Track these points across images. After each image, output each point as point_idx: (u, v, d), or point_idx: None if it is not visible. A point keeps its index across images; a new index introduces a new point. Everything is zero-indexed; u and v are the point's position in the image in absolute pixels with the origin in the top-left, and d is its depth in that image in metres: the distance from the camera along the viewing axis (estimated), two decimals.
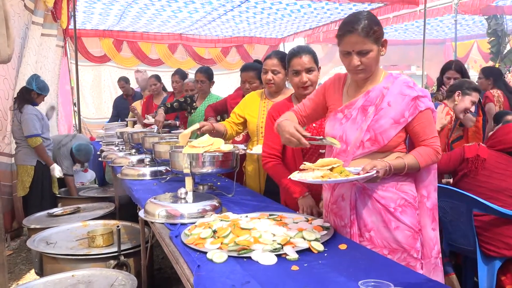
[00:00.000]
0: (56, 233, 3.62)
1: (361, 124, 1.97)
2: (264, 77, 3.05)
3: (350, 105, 2.03)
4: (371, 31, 1.88)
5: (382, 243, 1.98)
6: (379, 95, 1.98)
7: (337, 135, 2.03)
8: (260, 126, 3.08)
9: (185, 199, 2.33)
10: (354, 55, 1.91)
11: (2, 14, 1.59)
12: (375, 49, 1.92)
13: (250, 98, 3.24)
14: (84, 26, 9.32)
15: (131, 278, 2.70)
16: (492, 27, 9.78)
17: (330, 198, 2.12)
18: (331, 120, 2.09)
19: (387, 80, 2.01)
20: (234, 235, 1.84)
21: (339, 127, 2.03)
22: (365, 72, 1.96)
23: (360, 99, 2.01)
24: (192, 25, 9.33)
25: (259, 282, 1.47)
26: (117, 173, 3.76)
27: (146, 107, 6.09)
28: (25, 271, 4.21)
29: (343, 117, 2.03)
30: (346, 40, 1.91)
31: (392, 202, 1.97)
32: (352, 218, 2.02)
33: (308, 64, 2.55)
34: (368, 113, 1.97)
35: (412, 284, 1.33)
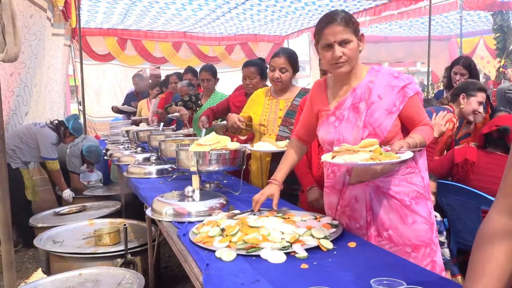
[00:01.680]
0: (63, 231, 3.62)
1: (355, 122, 1.96)
2: (271, 75, 3.04)
3: (340, 106, 2.02)
4: (350, 22, 1.92)
5: (403, 241, 1.96)
6: (366, 91, 1.98)
7: (333, 138, 2.01)
8: (262, 123, 3.08)
9: (192, 197, 2.32)
10: (336, 46, 1.91)
11: (10, 13, 1.58)
12: (355, 41, 1.93)
13: (256, 96, 3.24)
14: (88, 24, 9.33)
15: (138, 277, 2.70)
16: (498, 23, 9.73)
17: (339, 201, 2.08)
18: (324, 125, 2.07)
19: (370, 74, 2.02)
20: (242, 233, 1.83)
21: (333, 130, 2.02)
22: (348, 65, 1.95)
23: (348, 98, 2.00)
24: (196, 23, 9.32)
25: (268, 280, 1.46)
26: (123, 171, 3.76)
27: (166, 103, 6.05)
28: (32, 270, 4.22)
29: (336, 120, 2.02)
30: (327, 31, 1.92)
31: (406, 196, 1.96)
32: (368, 219, 2.00)
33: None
34: (360, 109, 1.96)
35: (423, 282, 1.31)
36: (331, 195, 2.13)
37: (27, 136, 4.73)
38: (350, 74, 2.00)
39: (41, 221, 4.12)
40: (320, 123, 2.10)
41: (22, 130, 4.78)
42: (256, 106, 3.16)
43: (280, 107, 3.08)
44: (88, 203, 4.60)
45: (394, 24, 9.85)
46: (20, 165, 4.68)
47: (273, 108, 3.10)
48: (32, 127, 4.82)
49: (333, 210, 2.13)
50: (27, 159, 4.79)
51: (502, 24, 9.72)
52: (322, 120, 2.09)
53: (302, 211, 2.29)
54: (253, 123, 3.16)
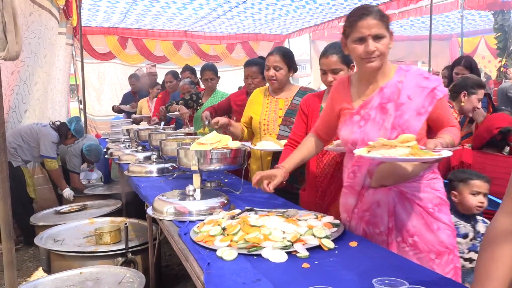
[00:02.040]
0: (64, 230, 3.62)
1: (383, 123, 1.89)
2: (267, 73, 3.03)
3: (365, 105, 1.95)
4: (384, 17, 1.87)
5: (428, 247, 1.91)
6: (395, 91, 1.91)
7: (358, 138, 1.93)
8: (262, 123, 3.07)
9: (193, 196, 2.32)
10: (369, 40, 1.84)
11: (11, 11, 1.58)
12: (388, 37, 1.88)
13: (254, 96, 3.23)
14: (89, 23, 9.33)
15: (139, 276, 2.70)
16: (499, 22, 9.72)
17: (357, 204, 2.02)
18: (347, 124, 1.99)
19: (399, 73, 1.95)
20: (243, 232, 1.82)
21: (358, 130, 1.94)
22: (379, 60, 1.88)
23: (375, 97, 1.93)
24: (197, 22, 9.32)
25: (270, 279, 1.45)
26: (124, 170, 3.76)
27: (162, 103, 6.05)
28: (32, 269, 4.22)
29: (361, 119, 1.94)
30: (361, 24, 1.85)
31: (429, 203, 1.92)
32: (390, 225, 1.94)
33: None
34: (388, 110, 1.89)
35: (426, 282, 1.31)
36: (348, 196, 2.06)
37: (29, 135, 4.73)
38: (377, 72, 1.94)
39: (42, 220, 4.12)
40: (343, 121, 2.03)
41: (24, 129, 4.78)
42: (256, 106, 3.15)
43: (280, 106, 3.06)
44: (89, 202, 4.60)
45: (395, 24, 9.83)
46: (21, 163, 4.68)
47: (272, 107, 3.09)
48: (34, 127, 4.82)
49: (349, 213, 2.06)
50: (27, 158, 4.79)
51: (503, 24, 9.71)
52: (344, 119, 2.02)
53: (303, 210, 2.29)
54: (253, 123, 3.15)
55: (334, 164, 2.55)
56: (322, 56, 2.52)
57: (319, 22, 9.74)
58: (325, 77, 2.54)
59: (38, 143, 4.75)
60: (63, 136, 4.95)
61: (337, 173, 2.52)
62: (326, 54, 2.50)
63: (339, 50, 2.43)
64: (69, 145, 5.26)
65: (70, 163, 5.29)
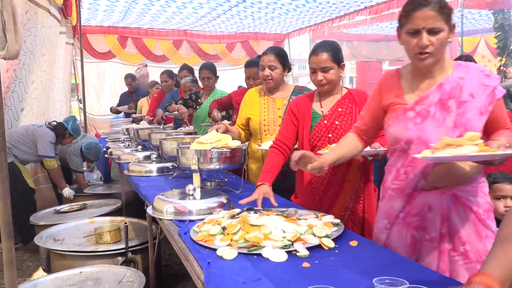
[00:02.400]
0: (64, 229, 3.62)
1: (443, 121, 1.76)
2: (262, 73, 3.02)
3: (421, 101, 1.81)
4: (445, 8, 1.71)
5: (476, 257, 1.79)
6: (457, 87, 1.78)
7: (413, 136, 1.80)
8: (262, 124, 3.05)
9: (193, 196, 2.32)
10: (423, 33, 1.70)
11: (10, 10, 1.57)
12: (446, 31, 1.73)
13: (249, 96, 3.20)
14: (89, 22, 9.33)
15: (139, 275, 2.70)
16: (499, 22, 9.69)
17: (404, 207, 1.89)
18: (400, 120, 1.85)
19: (459, 69, 1.82)
20: (243, 231, 1.82)
21: (413, 127, 1.80)
22: (433, 57, 1.75)
23: (434, 93, 1.80)
24: (197, 21, 9.31)
25: (270, 279, 1.45)
26: (124, 169, 3.76)
27: (158, 103, 6.06)
28: (32, 268, 4.22)
29: (416, 116, 1.81)
30: (417, 14, 1.71)
31: (481, 208, 1.81)
32: (443, 231, 1.81)
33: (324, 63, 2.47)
34: (450, 107, 1.76)
35: (426, 282, 1.31)
36: (395, 200, 1.91)
37: (24, 137, 4.72)
38: (434, 66, 1.80)
39: (41, 219, 4.12)
40: (393, 117, 1.88)
41: (21, 131, 4.77)
42: (253, 107, 3.12)
43: (278, 106, 3.05)
44: (89, 201, 4.60)
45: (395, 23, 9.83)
46: (14, 159, 4.63)
47: (270, 107, 3.07)
48: (30, 128, 4.82)
49: (392, 218, 1.92)
50: (25, 157, 4.77)
51: (503, 23, 9.68)
52: (395, 114, 1.87)
53: (303, 209, 2.28)
54: (253, 124, 3.12)
55: (330, 169, 2.39)
56: (312, 54, 2.48)
57: (319, 21, 9.73)
58: (314, 75, 2.49)
59: (35, 144, 4.74)
60: (61, 136, 4.94)
61: (333, 179, 2.50)
62: (316, 52, 2.45)
63: (329, 48, 2.43)
64: (68, 145, 5.25)
65: (71, 163, 5.29)
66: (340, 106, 2.54)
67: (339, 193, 2.51)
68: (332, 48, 2.45)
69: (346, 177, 2.49)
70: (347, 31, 11.21)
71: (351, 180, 2.50)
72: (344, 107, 2.53)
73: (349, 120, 2.51)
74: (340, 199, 2.51)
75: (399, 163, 1.89)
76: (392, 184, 1.93)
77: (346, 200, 2.51)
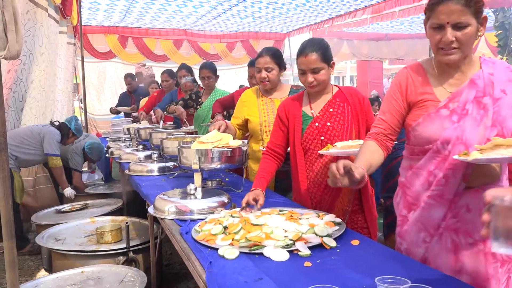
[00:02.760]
0: (65, 229, 3.63)
1: (481, 119, 1.65)
2: (258, 75, 3.02)
3: (455, 98, 1.70)
4: (471, 1, 1.60)
5: (509, 258, 1.70)
6: (489, 84, 1.68)
7: (451, 136, 1.67)
8: (263, 125, 3.04)
9: (195, 195, 2.32)
10: (448, 29, 1.61)
11: (11, 10, 1.58)
12: (474, 25, 1.62)
13: (247, 97, 3.19)
14: (89, 22, 9.33)
15: (140, 274, 2.70)
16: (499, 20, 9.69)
17: (446, 215, 1.73)
18: (432, 118, 1.71)
19: (487, 65, 1.73)
20: (245, 231, 1.83)
21: (451, 126, 1.68)
22: (459, 53, 1.65)
23: (467, 89, 1.69)
24: (197, 20, 9.31)
25: (272, 278, 1.45)
26: (125, 169, 3.76)
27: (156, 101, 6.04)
28: (33, 268, 4.22)
29: (452, 114, 1.68)
30: (441, 8, 1.61)
31: None
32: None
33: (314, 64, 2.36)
34: (486, 105, 1.66)
35: (428, 280, 1.31)
36: (434, 208, 1.73)
37: (30, 137, 4.71)
38: (462, 61, 1.70)
39: (42, 219, 4.12)
40: (423, 115, 1.74)
41: (25, 131, 4.77)
42: (251, 108, 3.11)
43: (277, 106, 2.97)
44: (90, 201, 4.60)
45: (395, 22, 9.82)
46: (12, 166, 4.60)
47: (269, 108, 3.06)
48: (35, 128, 4.82)
49: (432, 229, 1.75)
50: (28, 158, 4.77)
51: (503, 21, 9.67)
52: (426, 112, 1.74)
53: (304, 209, 2.28)
54: (252, 125, 3.10)
55: (326, 172, 2.36)
56: (300, 55, 2.36)
57: (320, 20, 9.73)
58: (304, 77, 2.38)
59: (40, 144, 4.74)
60: (65, 136, 4.95)
61: None
62: (304, 52, 2.33)
63: (318, 47, 2.32)
64: (70, 144, 5.26)
65: (72, 161, 5.29)
66: (331, 106, 2.43)
67: (336, 196, 2.41)
68: (321, 47, 2.34)
69: None
70: (348, 30, 11.19)
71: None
72: (336, 107, 2.42)
73: (341, 120, 2.40)
74: (339, 203, 2.42)
75: (432, 165, 1.73)
76: (427, 191, 1.75)
77: (345, 204, 2.42)
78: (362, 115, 2.41)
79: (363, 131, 2.40)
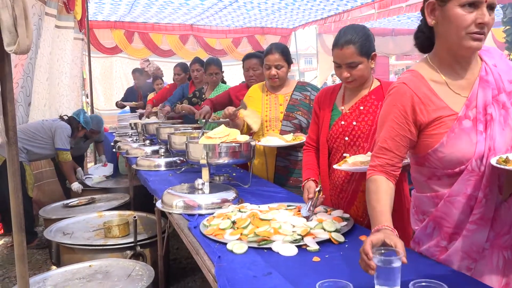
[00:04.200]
0: (72, 223, 3.65)
1: (505, 121, 1.46)
2: (268, 72, 3.00)
3: (471, 103, 1.47)
4: None
5: None
6: (498, 77, 1.49)
7: (483, 149, 1.44)
8: (264, 120, 3.04)
9: (202, 190, 2.33)
10: (484, 8, 1.38)
11: (21, 4, 1.58)
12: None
13: (253, 92, 3.19)
14: (96, 17, 9.35)
15: (148, 269, 2.71)
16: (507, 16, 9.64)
17: (489, 234, 1.49)
18: (459, 134, 1.46)
19: (487, 55, 1.54)
20: (253, 226, 1.83)
21: (481, 138, 1.45)
22: (483, 41, 1.43)
23: (481, 89, 1.48)
24: (203, 12, 9.25)
25: (280, 273, 1.46)
26: (132, 164, 3.77)
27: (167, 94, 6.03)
28: (41, 261, 4.25)
29: (476, 123, 1.45)
30: None
31: None
32: None
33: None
34: (505, 103, 1.47)
35: (437, 276, 1.30)
36: (477, 232, 1.49)
37: (40, 131, 4.74)
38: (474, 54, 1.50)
39: (50, 213, 4.15)
40: (446, 134, 1.47)
41: (35, 126, 4.80)
42: (256, 103, 3.11)
43: (280, 102, 3.04)
44: (97, 196, 4.63)
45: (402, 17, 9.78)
46: (23, 159, 4.65)
47: (272, 103, 3.06)
48: (45, 123, 4.85)
49: (476, 254, 1.51)
50: (39, 151, 4.79)
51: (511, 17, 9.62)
52: (448, 129, 1.47)
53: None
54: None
55: (345, 175, 2.19)
56: (335, 46, 2.08)
57: (326, 15, 9.69)
58: (339, 71, 2.13)
59: (51, 138, 4.77)
60: (75, 129, 5.00)
61: (347, 186, 2.19)
62: (339, 44, 2.06)
63: (356, 38, 2.03)
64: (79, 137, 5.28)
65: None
66: (363, 103, 2.16)
67: (351, 203, 2.19)
68: (360, 38, 2.04)
69: (359, 187, 2.14)
70: None
71: (364, 192, 2.08)
72: (368, 105, 2.15)
73: (369, 120, 2.12)
74: (353, 211, 2.18)
75: (469, 188, 1.47)
76: (469, 217, 1.50)
77: (359, 214, 2.18)
78: None
79: None
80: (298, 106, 2.97)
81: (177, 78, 6.08)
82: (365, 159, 1.99)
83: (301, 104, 2.97)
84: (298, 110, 2.97)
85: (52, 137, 4.76)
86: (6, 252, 4.48)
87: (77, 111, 5.21)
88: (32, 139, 4.67)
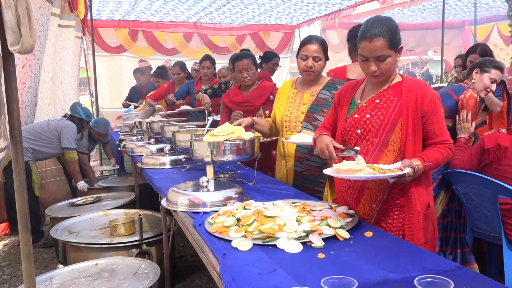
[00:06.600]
0: (79, 222, 3.67)
1: None
2: (304, 64, 2.73)
3: None
4: None
5: None
6: None
7: None
8: (284, 119, 2.85)
9: (207, 188, 2.33)
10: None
11: (24, 4, 1.58)
12: None
13: (283, 88, 2.99)
14: (99, 16, 9.35)
15: (154, 266, 2.73)
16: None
17: None
18: None
19: None
20: (258, 223, 1.83)
21: None
22: None
23: None
24: (207, 7, 9.19)
25: (286, 270, 1.46)
26: (137, 162, 3.78)
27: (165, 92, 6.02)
28: (48, 260, 4.27)
29: None
30: None
31: None
32: None
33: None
34: None
35: (442, 272, 1.30)
36: None
37: (46, 131, 4.76)
38: None
39: (56, 212, 4.17)
40: None
41: (41, 126, 4.82)
42: (281, 100, 2.93)
43: (304, 101, 2.82)
44: (103, 194, 4.65)
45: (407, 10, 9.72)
46: (30, 159, 4.66)
47: (296, 102, 2.85)
48: (50, 123, 4.87)
49: None
50: (45, 151, 4.81)
51: None
52: None
53: (317, 200, 2.28)
54: (277, 118, 2.92)
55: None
56: (363, 38, 1.97)
57: (330, 11, 9.65)
58: (366, 64, 2.01)
59: (57, 138, 4.79)
60: (80, 126, 5.02)
61: (354, 182, 2.12)
62: (368, 36, 1.95)
63: (386, 30, 1.93)
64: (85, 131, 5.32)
65: (78, 145, 5.31)
66: (380, 97, 2.07)
67: (358, 201, 2.13)
68: (389, 30, 1.94)
69: (366, 184, 2.08)
70: (358, 21, 11.10)
71: (371, 189, 2.08)
72: (384, 99, 2.06)
73: (381, 115, 2.04)
74: (360, 208, 2.12)
75: None
76: None
77: (365, 212, 2.11)
78: (415, 116, 1.99)
79: (412, 138, 2.00)
80: (321, 106, 2.75)
81: (176, 78, 6.06)
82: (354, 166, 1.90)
83: (326, 104, 2.73)
84: (320, 110, 2.74)
85: (58, 136, 4.78)
86: (13, 251, 4.50)
87: (74, 107, 5.17)
88: (38, 139, 4.69)
